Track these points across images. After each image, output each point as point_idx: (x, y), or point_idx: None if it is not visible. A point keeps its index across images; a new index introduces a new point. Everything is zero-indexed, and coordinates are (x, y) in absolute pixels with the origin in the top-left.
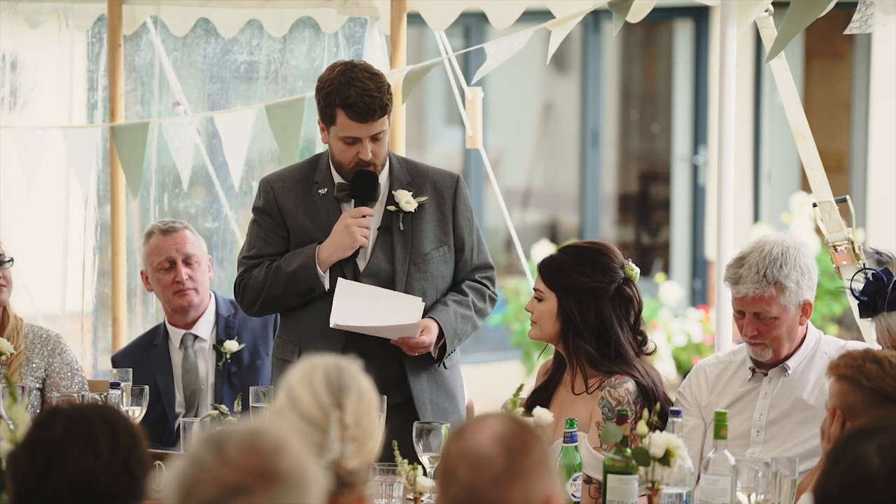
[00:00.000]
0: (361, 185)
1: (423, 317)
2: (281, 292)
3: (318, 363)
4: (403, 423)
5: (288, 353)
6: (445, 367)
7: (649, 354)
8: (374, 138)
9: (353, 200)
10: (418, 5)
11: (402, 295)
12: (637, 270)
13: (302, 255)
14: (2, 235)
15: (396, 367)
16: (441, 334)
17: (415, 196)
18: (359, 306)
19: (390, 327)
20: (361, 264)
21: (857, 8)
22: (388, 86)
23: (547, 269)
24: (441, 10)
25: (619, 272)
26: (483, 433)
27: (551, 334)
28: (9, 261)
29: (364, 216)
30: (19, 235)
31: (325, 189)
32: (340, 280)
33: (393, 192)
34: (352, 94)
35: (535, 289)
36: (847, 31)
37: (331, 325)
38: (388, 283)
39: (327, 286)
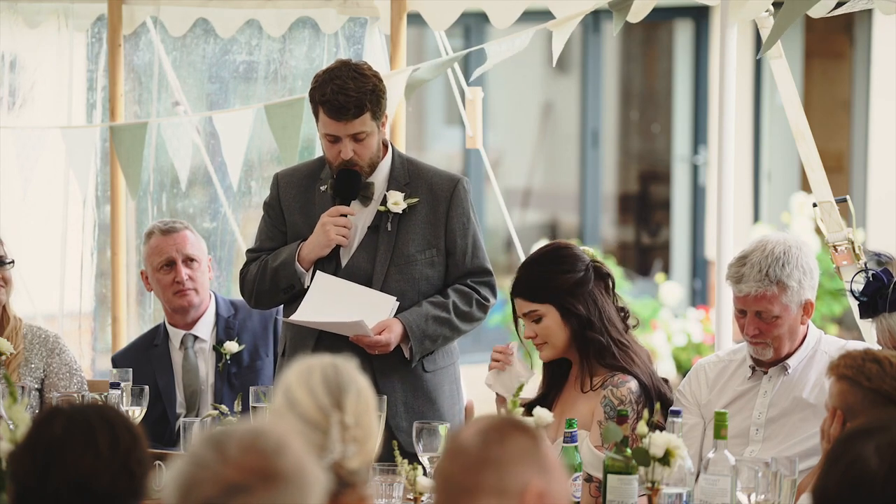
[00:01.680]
0: (343, 184)
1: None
2: (268, 287)
3: (315, 364)
4: None
5: (282, 347)
6: (425, 370)
7: (634, 327)
8: (356, 138)
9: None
10: (418, 5)
11: (376, 293)
12: (592, 250)
13: (285, 252)
14: (1, 236)
15: (366, 366)
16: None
17: (409, 197)
18: (329, 301)
19: (338, 324)
20: (344, 262)
21: None
22: (376, 88)
23: (529, 289)
24: (441, 10)
25: (584, 257)
26: (470, 428)
27: (564, 344)
28: (10, 262)
29: (344, 215)
30: (18, 235)
31: (325, 186)
32: (319, 273)
33: (386, 192)
34: (328, 91)
35: (524, 314)
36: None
37: (287, 320)
38: (366, 282)
39: (307, 283)
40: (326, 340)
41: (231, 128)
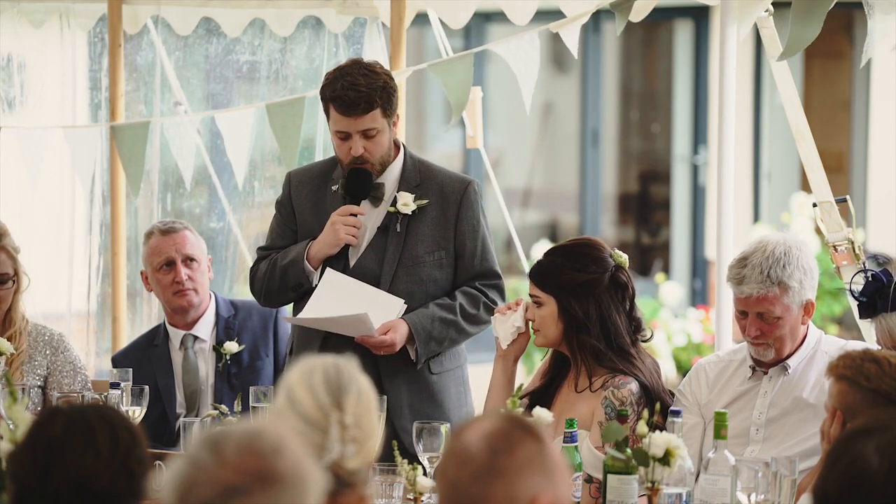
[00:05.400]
0: (354, 183)
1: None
2: (277, 286)
3: (317, 363)
4: None
5: (289, 346)
6: (432, 372)
7: (645, 341)
8: (366, 135)
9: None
10: (432, 4)
11: (384, 294)
12: (625, 257)
13: (294, 251)
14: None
15: (371, 367)
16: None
17: (420, 198)
18: (336, 299)
19: (340, 319)
20: (352, 262)
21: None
22: (386, 85)
23: (539, 275)
24: (455, 9)
25: (609, 261)
26: (474, 431)
27: (556, 337)
28: (11, 280)
29: (354, 214)
30: (23, 235)
31: (337, 186)
32: (328, 270)
33: (397, 193)
34: (338, 87)
35: (531, 295)
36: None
37: (288, 319)
38: (374, 283)
39: (315, 282)
40: (333, 340)
41: (234, 128)
